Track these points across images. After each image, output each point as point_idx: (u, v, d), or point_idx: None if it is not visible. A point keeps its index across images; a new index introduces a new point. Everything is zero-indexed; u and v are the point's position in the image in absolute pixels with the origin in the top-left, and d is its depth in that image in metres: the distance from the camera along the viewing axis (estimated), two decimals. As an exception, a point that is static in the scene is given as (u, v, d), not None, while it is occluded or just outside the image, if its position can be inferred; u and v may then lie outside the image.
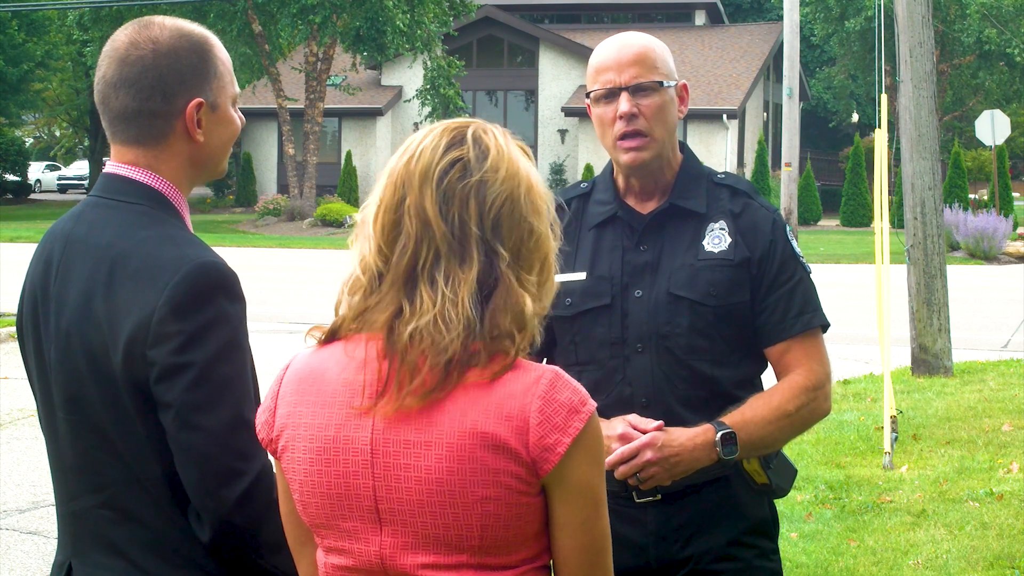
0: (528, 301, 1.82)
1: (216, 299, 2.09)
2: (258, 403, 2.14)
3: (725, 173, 2.91)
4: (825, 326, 2.85)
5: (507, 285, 1.81)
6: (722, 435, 2.65)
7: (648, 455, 2.61)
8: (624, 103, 2.76)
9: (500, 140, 1.88)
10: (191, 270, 2.08)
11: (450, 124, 1.89)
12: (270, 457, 2.09)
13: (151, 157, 2.22)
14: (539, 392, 1.80)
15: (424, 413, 1.80)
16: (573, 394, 1.82)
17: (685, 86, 2.89)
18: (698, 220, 2.83)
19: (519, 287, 1.82)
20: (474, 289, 1.80)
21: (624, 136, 2.77)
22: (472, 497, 1.78)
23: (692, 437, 2.65)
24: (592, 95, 2.82)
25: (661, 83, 2.78)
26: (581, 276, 2.82)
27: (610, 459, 2.59)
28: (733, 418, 2.69)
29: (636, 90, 2.77)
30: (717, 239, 2.81)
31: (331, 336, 1.90)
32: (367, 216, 1.88)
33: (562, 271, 2.14)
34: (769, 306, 2.80)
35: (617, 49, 2.80)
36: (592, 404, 1.83)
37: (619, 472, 2.61)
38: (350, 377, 1.85)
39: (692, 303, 2.77)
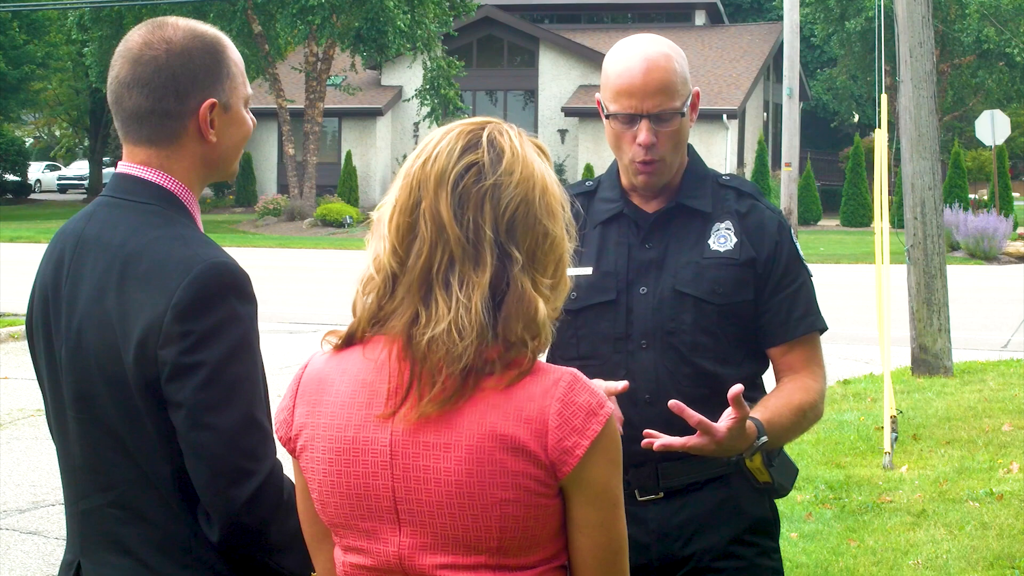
0: (541, 305, 1.83)
1: (227, 299, 2.10)
2: (268, 403, 2.15)
3: (730, 175, 2.93)
4: (824, 330, 2.87)
5: (520, 289, 1.82)
6: (761, 442, 2.62)
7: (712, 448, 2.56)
8: (644, 133, 2.75)
9: (515, 142, 1.88)
10: (203, 270, 2.09)
11: (466, 126, 1.89)
12: (281, 457, 2.10)
13: (163, 157, 2.22)
14: (557, 395, 1.81)
15: (443, 416, 1.81)
16: (591, 396, 1.83)
17: (697, 93, 2.89)
18: (704, 219, 2.84)
19: (533, 290, 1.83)
20: (487, 293, 1.80)
21: (643, 162, 2.78)
22: (491, 499, 1.79)
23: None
24: (610, 112, 2.79)
25: (682, 113, 2.78)
26: (587, 271, 2.82)
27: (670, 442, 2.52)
28: (761, 415, 2.66)
29: (657, 119, 2.76)
30: (723, 238, 2.82)
31: (348, 341, 1.91)
32: (383, 216, 1.89)
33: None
34: (773, 307, 2.82)
35: (642, 73, 2.74)
36: (610, 407, 1.84)
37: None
38: (369, 380, 1.86)
39: (697, 300, 2.78)
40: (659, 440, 2.50)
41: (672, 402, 2.44)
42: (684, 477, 2.78)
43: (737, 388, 2.46)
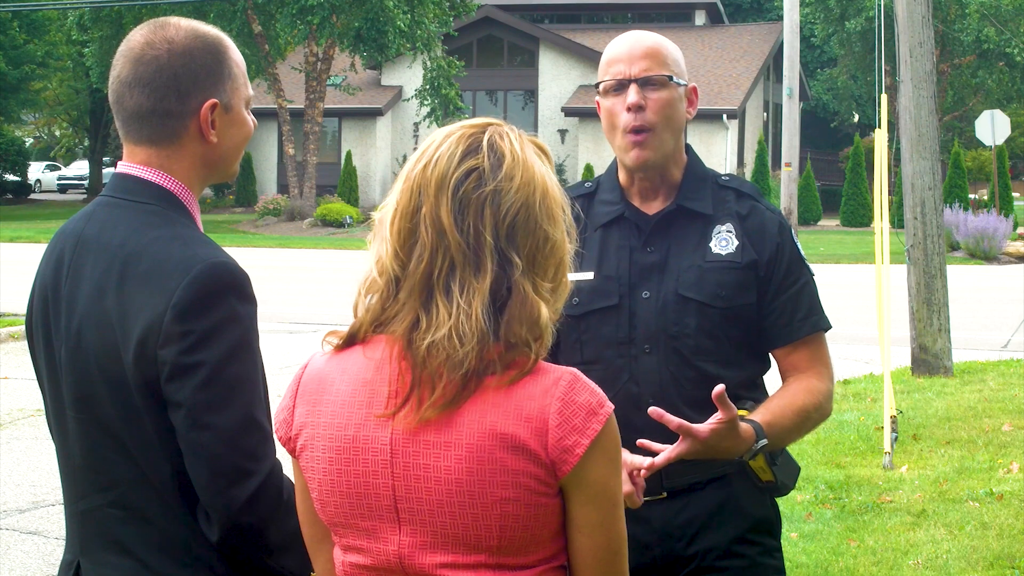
0: (543, 308, 1.83)
1: (227, 299, 2.10)
2: (268, 403, 2.15)
3: (729, 175, 2.93)
4: (828, 328, 2.87)
5: (522, 294, 1.82)
6: (760, 445, 2.62)
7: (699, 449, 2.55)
8: (633, 94, 2.77)
9: (515, 145, 1.88)
10: (202, 270, 2.09)
11: (467, 129, 1.89)
12: (280, 457, 2.10)
13: (163, 157, 2.22)
14: (558, 394, 1.81)
15: (444, 415, 1.81)
16: (591, 396, 1.83)
17: (695, 89, 2.89)
18: (704, 221, 2.84)
19: (534, 294, 1.83)
20: (487, 299, 1.80)
21: (632, 130, 2.78)
22: (491, 498, 1.80)
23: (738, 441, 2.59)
24: (601, 87, 2.83)
25: (671, 78, 2.79)
26: (589, 276, 2.82)
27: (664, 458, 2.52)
28: (762, 417, 2.67)
29: (645, 83, 2.78)
30: (724, 241, 2.82)
31: (349, 341, 1.91)
32: (384, 218, 1.89)
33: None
34: (776, 308, 2.82)
35: (629, 43, 2.82)
36: (610, 406, 1.85)
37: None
38: (369, 379, 1.86)
39: (700, 304, 2.78)
40: (644, 466, 2.52)
41: (652, 408, 2.44)
42: (687, 477, 2.78)
43: (719, 388, 2.45)
